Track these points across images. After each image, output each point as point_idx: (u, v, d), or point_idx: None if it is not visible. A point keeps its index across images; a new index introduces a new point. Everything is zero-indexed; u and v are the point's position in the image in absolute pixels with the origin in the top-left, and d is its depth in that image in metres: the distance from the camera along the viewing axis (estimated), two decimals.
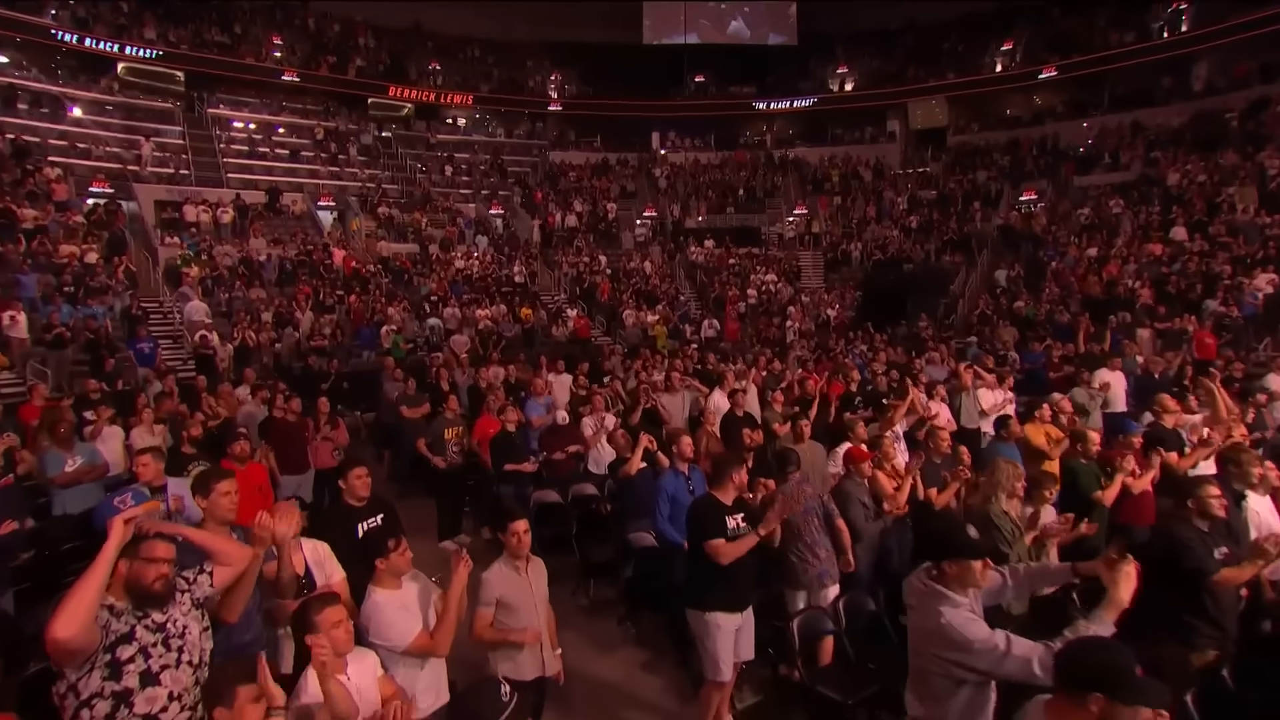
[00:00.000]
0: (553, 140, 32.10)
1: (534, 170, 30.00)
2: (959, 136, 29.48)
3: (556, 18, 32.17)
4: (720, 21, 32.87)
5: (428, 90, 29.42)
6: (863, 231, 25.01)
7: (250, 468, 5.67)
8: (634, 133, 32.71)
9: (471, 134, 30.78)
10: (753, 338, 18.56)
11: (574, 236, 24.85)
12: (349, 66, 27.45)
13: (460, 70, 31.22)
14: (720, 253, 24.42)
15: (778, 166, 30.81)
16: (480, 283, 19.94)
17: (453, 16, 31.16)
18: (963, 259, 21.77)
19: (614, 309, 20.19)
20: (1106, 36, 25.53)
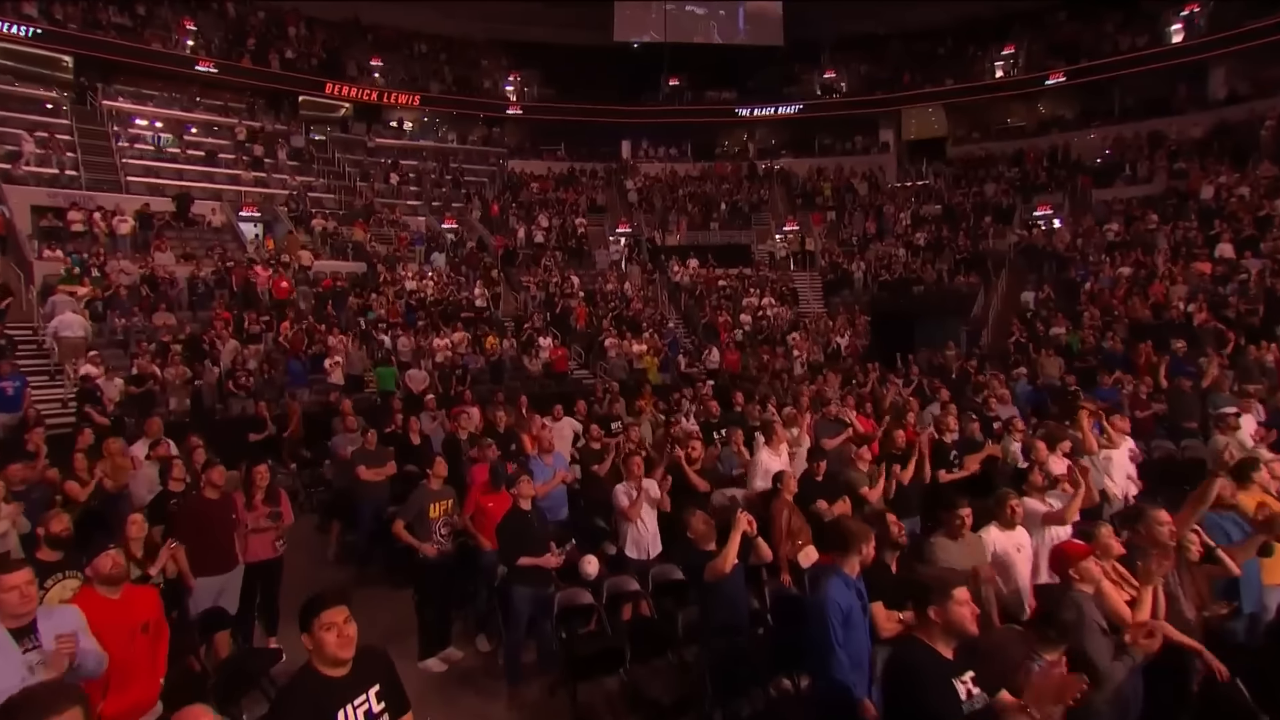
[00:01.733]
0: (511, 148, 31.20)
1: (491, 180, 28.87)
2: (960, 147, 29.29)
3: (515, 14, 31.42)
4: (697, 20, 32.29)
5: (368, 88, 28.17)
6: (864, 250, 24.10)
7: (128, 596, 3.88)
8: (602, 141, 32.07)
9: (419, 139, 29.54)
10: (760, 370, 17.16)
11: (541, 254, 23.43)
12: (276, 59, 25.72)
13: (406, 68, 29.99)
14: (706, 273, 23.29)
15: (763, 179, 30.22)
16: (436, 307, 18.32)
17: (396, 9, 30.07)
18: (979, 279, 21.15)
19: (592, 337, 18.93)
20: (1116, 42, 25.28)
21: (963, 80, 29.11)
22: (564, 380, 16.92)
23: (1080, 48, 26.38)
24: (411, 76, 29.71)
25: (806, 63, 32.91)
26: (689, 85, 32.76)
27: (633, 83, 31.93)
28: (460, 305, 19.12)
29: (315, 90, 26.98)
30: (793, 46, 32.56)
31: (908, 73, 30.71)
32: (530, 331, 18.26)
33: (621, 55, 32.31)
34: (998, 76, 28.60)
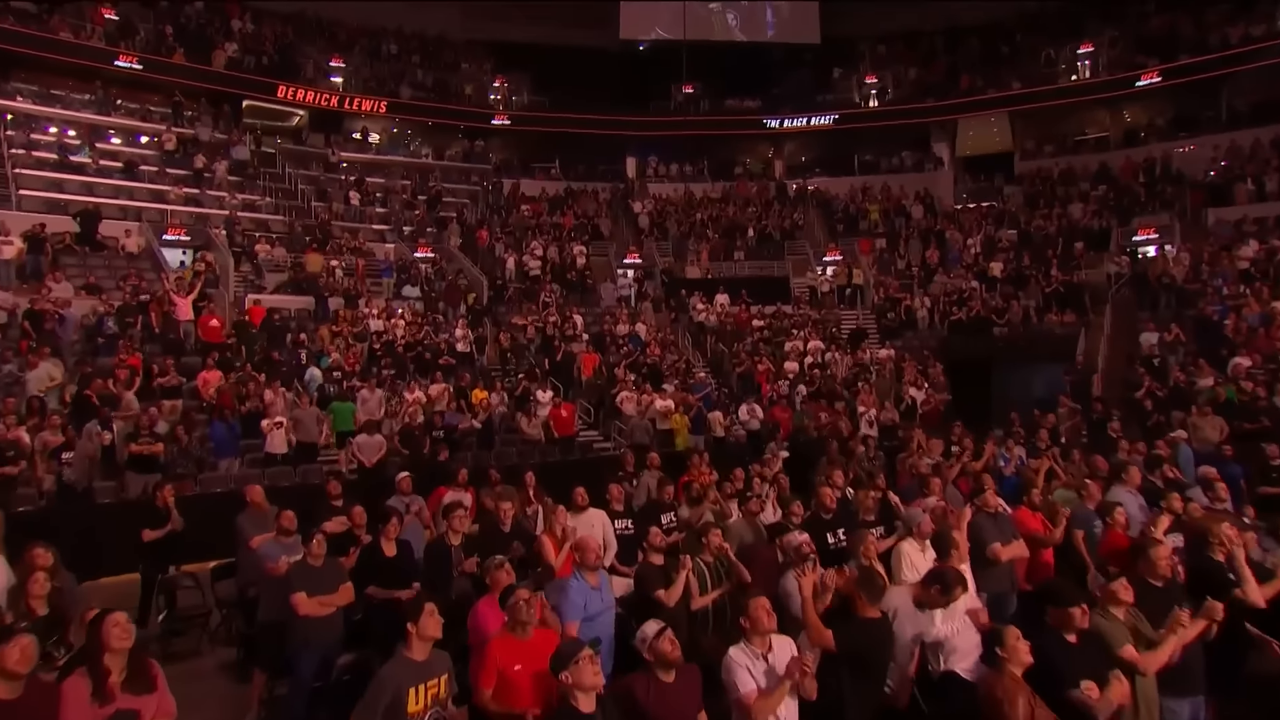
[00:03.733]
0: (497, 164, 30.22)
1: (474, 202, 27.76)
2: (1031, 161, 28.17)
3: (501, 9, 30.94)
4: (716, 16, 31.50)
5: (327, 93, 27.08)
6: (927, 283, 22.82)
7: None
8: (603, 156, 31.50)
9: (388, 152, 28.50)
10: (822, 433, 15.18)
11: (535, 289, 22.11)
12: (217, 56, 24.51)
13: (372, 70, 28.98)
14: (738, 311, 21.92)
15: (795, 201, 29.11)
16: (408, 352, 16.80)
17: (361, 2, 29.41)
18: (1076, 317, 19.75)
19: (602, 390, 17.33)
20: (1225, 34, 23.99)
21: (1032, 84, 28.00)
22: (571, 445, 15.22)
23: (1178, 42, 25.29)
24: (379, 80, 28.69)
25: (843, 66, 32.23)
26: (705, 93, 31.91)
27: (639, 89, 31.31)
28: (438, 350, 17.55)
29: (264, 94, 25.78)
30: (826, 47, 31.95)
31: (965, 76, 29.64)
32: (525, 384, 16.58)
33: (626, 58, 31.83)
34: (1074, 79, 27.52)
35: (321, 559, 6.03)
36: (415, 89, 29.21)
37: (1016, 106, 28.38)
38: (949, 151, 30.03)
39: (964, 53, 30.85)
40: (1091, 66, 27.35)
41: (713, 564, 6.39)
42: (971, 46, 30.88)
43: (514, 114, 30.30)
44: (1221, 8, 25.15)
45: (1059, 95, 27.46)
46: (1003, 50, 29.58)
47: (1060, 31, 28.71)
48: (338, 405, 13.51)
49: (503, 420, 15.40)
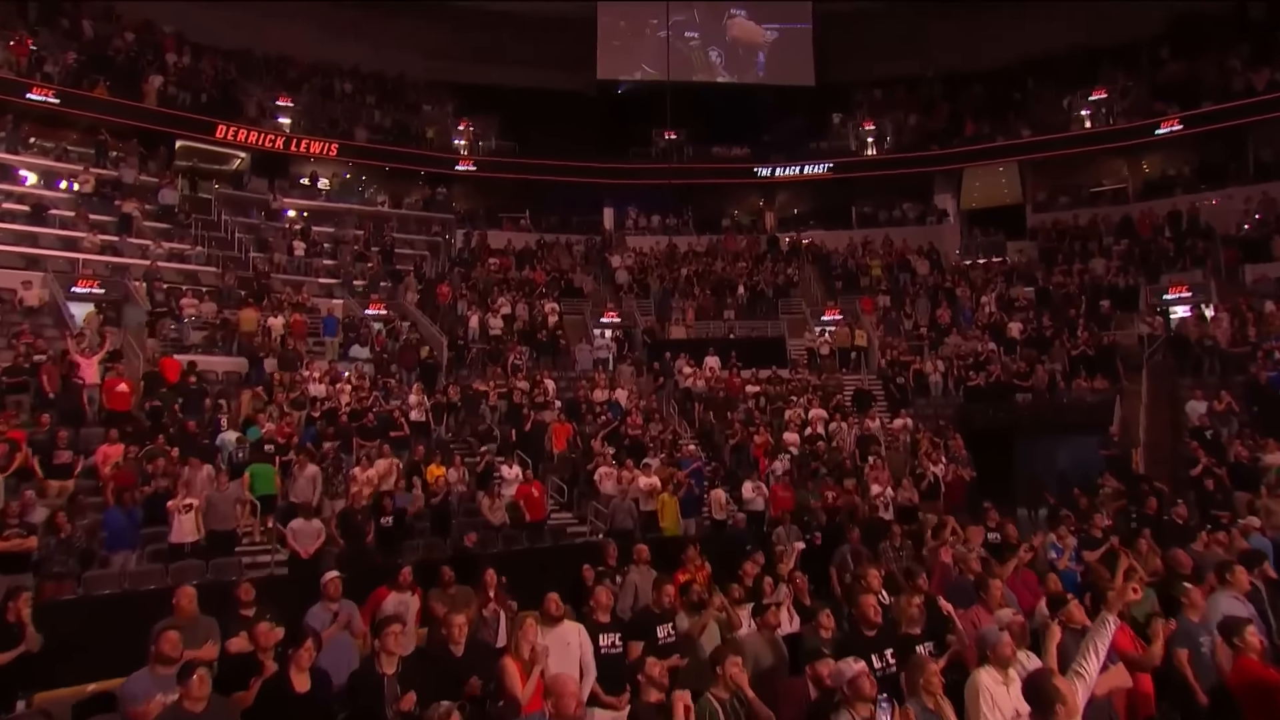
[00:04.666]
0: (461, 214, 30.12)
1: (434, 254, 27.25)
2: (1044, 214, 28.09)
3: (466, 49, 31.14)
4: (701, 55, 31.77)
5: (273, 134, 26.56)
6: (939, 345, 22.40)
7: None
8: (578, 206, 31.56)
9: (340, 199, 28.00)
10: (833, 515, 14.15)
11: (501, 351, 21.38)
12: (148, 91, 23.93)
13: (324, 110, 28.81)
14: (730, 376, 21.23)
15: (789, 255, 28.86)
16: (353, 421, 15.83)
17: (314, 38, 29.56)
18: (1108, 384, 19.16)
19: (577, 466, 16.53)
20: (1249, 80, 24.04)
21: (1042, 131, 28.06)
22: (540, 531, 14.05)
23: (1199, 88, 25.42)
24: (331, 121, 28.46)
25: (838, 111, 32.41)
26: (690, 139, 31.87)
27: (618, 135, 31.37)
28: (389, 419, 16.52)
29: (200, 133, 25.34)
30: (819, 93, 32.29)
31: (969, 122, 29.78)
32: (489, 458, 15.63)
33: (603, 101, 32.10)
34: (1087, 127, 27.66)
35: (203, 702, 4.79)
36: (372, 131, 28.95)
37: (1027, 155, 28.47)
38: (954, 203, 30.06)
39: (967, 99, 31.05)
40: (1106, 114, 27.52)
41: (728, 700, 5.22)
42: (975, 92, 31.12)
43: (480, 159, 30.18)
44: (1241, 50, 25.36)
45: (1073, 144, 27.54)
46: (1014, 96, 29.84)
47: (1069, 78, 28.98)
48: (257, 468, 12.59)
49: (461, 501, 14.30)
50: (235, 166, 26.78)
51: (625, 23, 31.15)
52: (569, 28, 30.94)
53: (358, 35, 30.49)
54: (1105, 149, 27.34)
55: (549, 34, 30.92)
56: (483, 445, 16.50)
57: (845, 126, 31.85)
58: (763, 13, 31.89)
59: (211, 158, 26.17)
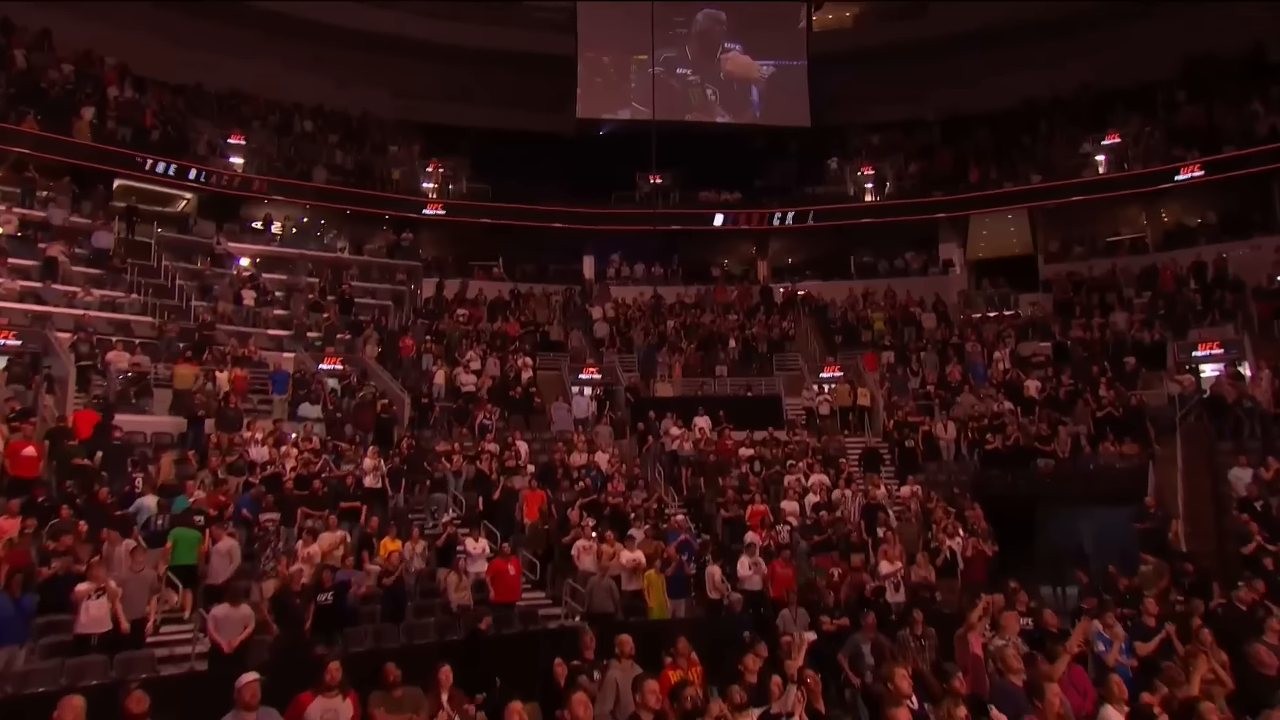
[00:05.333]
0: (429, 261, 29.93)
1: (398, 305, 27.16)
2: (1057, 264, 28.12)
3: (436, 86, 31.66)
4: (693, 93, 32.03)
5: (223, 172, 26.40)
6: (950, 405, 22.07)
7: None
8: (556, 254, 31.87)
9: (295, 245, 27.78)
10: (840, 596, 13.38)
11: (469, 410, 20.98)
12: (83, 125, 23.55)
13: (280, 149, 28.71)
14: (721, 438, 20.89)
15: (784, 308, 29.08)
16: (299, 490, 15.07)
17: (272, 73, 29.75)
18: (1139, 449, 18.66)
19: (551, 539, 15.84)
20: (1273, 125, 24.27)
21: (1054, 177, 28.16)
22: (509, 615, 13.12)
23: (1220, 133, 25.56)
24: (288, 161, 28.27)
25: (833, 155, 32.89)
26: (676, 183, 31.89)
27: (599, 178, 31.48)
28: (341, 487, 15.86)
29: (141, 172, 24.82)
30: (814, 136, 32.81)
31: (974, 168, 29.94)
32: (452, 530, 14.94)
33: (584, 143, 32.37)
34: (1101, 173, 27.76)
35: None
36: (332, 172, 28.77)
37: (1038, 202, 28.52)
38: (960, 253, 30.14)
39: (971, 143, 31.33)
40: (1120, 159, 27.67)
41: None
42: (979, 136, 31.40)
43: (449, 203, 30.10)
44: (1266, 92, 25.53)
45: (1087, 190, 27.54)
46: (1022, 140, 30.08)
47: (1079, 122, 29.35)
48: (180, 532, 12.01)
49: (423, 580, 13.60)
50: (180, 208, 26.41)
51: (609, 59, 31.41)
52: (546, 65, 31.13)
53: (321, 71, 30.70)
54: (1122, 196, 27.38)
55: (525, 72, 31.13)
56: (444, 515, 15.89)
57: (842, 171, 32.07)
58: (758, 47, 32.24)
59: (153, 198, 25.64)
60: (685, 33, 31.68)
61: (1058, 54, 29.74)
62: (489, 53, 30.81)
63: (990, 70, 30.67)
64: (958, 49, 30.61)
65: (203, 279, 23.59)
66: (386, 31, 30.17)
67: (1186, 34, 27.57)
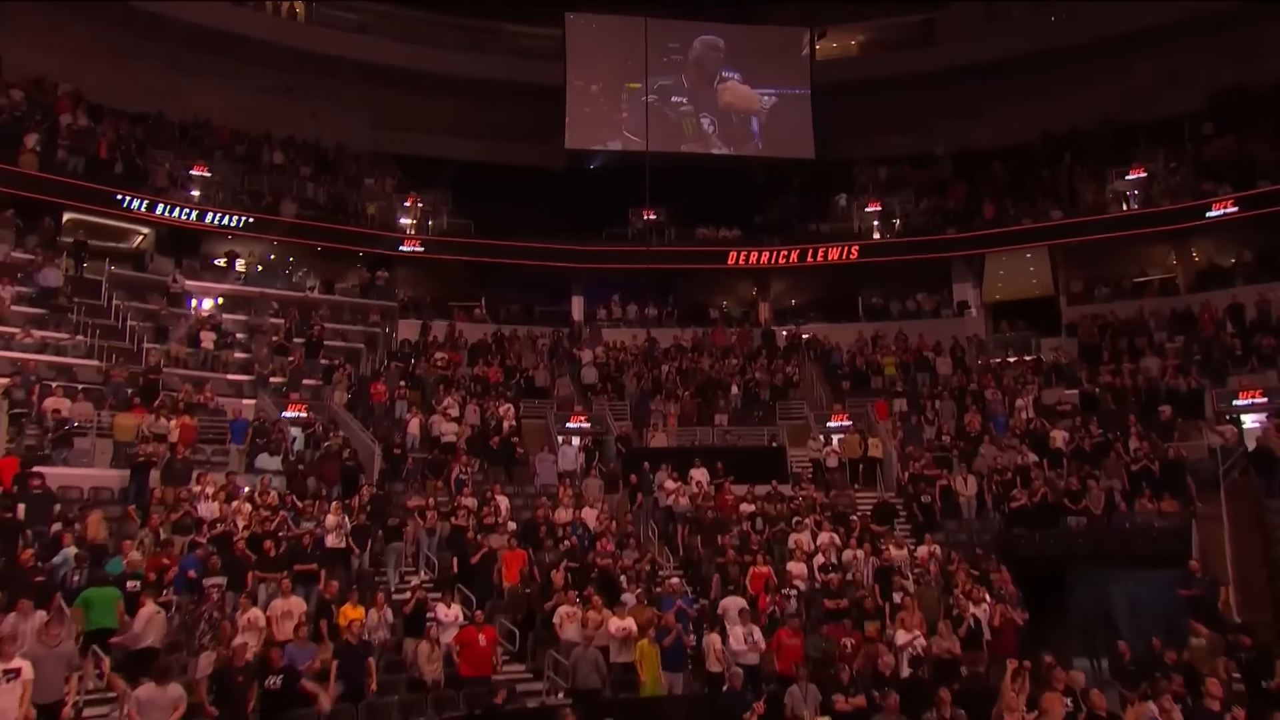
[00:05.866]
0: (405, 302, 29.92)
1: (371, 347, 27.23)
2: (1081, 306, 28.07)
3: (414, 116, 32.19)
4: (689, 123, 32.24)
5: (184, 205, 26.32)
6: (970, 457, 21.71)
7: None
8: (542, 294, 31.90)
9: (262, 284, 27.69)
10: (855, 672, 12.76)
11: (445, 462, 20.61)
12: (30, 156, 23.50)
13: (247, 182, 28.74)
14: (721, 493, 20.57)
15: (787, 352, 29.07)
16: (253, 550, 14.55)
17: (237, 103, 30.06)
18: (1179, 506, 18.31)
19: (533, 604, 15.44)
20: None
21: (1076, 213, 28.30)
22: (483, 691, 12.52)
23: (1253, 166, 25.66)
24: (255, 194, 28.25)
25: (837, 190, 33.07)
26: (672, 219, 32.21)
27: (589, 214, 31.87)
28: (300, 547, 15.28)
29: (97, 204, 24.86)
30: (818, 169, 33.20)
31: (989, 203, 30.10)
32: (422, 595, 14.44)
33: (573, 176, 32.90)
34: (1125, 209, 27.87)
35: None
36: (303, 206, 28.77)
37: (1059, 240, 28.58)
38: (976, 294, 30.22)
39: (986, 177, 31.53)
40: (1146, 195, 27.77)
41: None
42: (994, 171, 31.59)
43: (429, 239, 30.22)
44: None
45: (1112, 227, 27.66)
46: (1042, 174, 30.21)
47: (1102, 155, 29.52)
48: (93, 593, 11.37)
49: (387, 651, 13.16)
50: (136, 244, 26.37)
51: (599, 87, 31.66)
52: (533, 95, 31.46)
53: (293, 100, 31.05)
54: (1149, 233, 27.45)
55: (511, 101, 31.54)
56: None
57: (849, 207, 32.13)
58: (758, 76, 32.52)
59: (107, 233, 25.59)
60: (681, 60, 32.07)
61: (1075, 85, 30.13)
62: (472, 81, 31.23)
63: (1003, 102, 31.27)
64: (969, 79, 31.29)
65: (157, 320, 23.44)
66: (363, 58, 30.69)
67: (1211, 64, 28.00)
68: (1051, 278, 29.30)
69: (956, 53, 31.81)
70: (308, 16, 31.62)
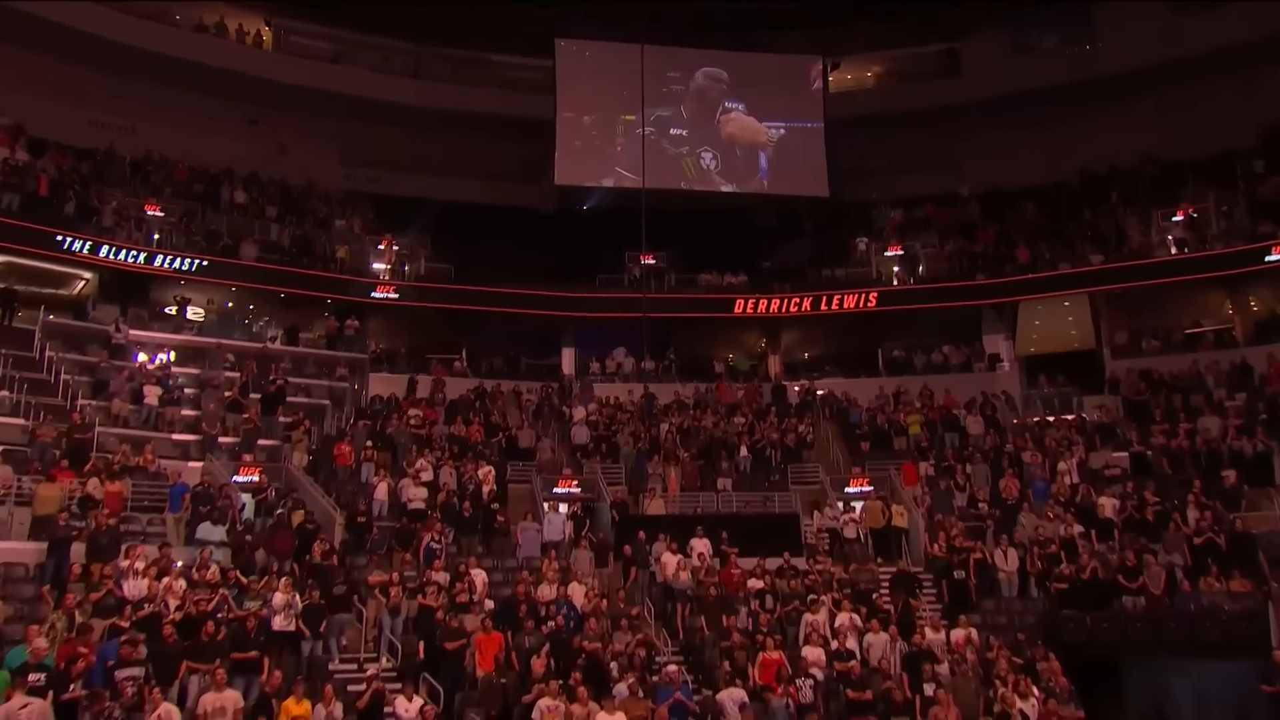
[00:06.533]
0: (378, 353, 29.75)
1: (337, 404, 26.79)
2: (1128, 360, 27.82)
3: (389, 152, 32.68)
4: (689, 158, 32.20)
5: (130, 245, 26.13)
6: (1009, 527, 21.28)
7: None
8: (530, 345, 31.91)
9: (218, 334, 27.54)
10: None
11: (414, 532, 20.13)
12: None
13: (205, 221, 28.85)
14: (726, 568, 20.23)
15: (800, 409, 28.95)
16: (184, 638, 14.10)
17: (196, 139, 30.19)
18: (1251, 586, 17.74)
19: (508, 695, 14.99)
20: None
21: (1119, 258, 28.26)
22: None
23: None
24: (211, 235, 28.15)
25: (853, 232, 33.20)
26: (672, 264, 32.37)
27: (581, 258, 32.38)
28: (241, 631, 14.85)
29: (32, 245, 24.89)
30: (832, 210, 33.53)
31: (1022, 246, 30.16)
32: (379, 686, 14.02)
33: (564, 218, 33.31)
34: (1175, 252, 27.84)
35: None
36: (266, 249, 28.80)
37: (1101, 287, 28.64)
38: (1009, 346, 30.20)
39: (1017, 219, 31.68)
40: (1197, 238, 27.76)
41: None
42: (1026, 212, 31.76)
43: (405, 285, 30.20)
44: None
45: (1159, 272, 27.68)
46: (1081, 215, 30.27)
47: (1145, 195, 29.62)
48: None
49: None
50: (77, 291, 26.31)
51: (591, 119, 31.87)
52: (521, 129, 31.83)
53: (259, 135, 31.40)
54: (1201, 279, 27.40)
55: (496, 137, 32.06)
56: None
57: (867, 251, 32.14)
58: (765, 107, 32.68)
59: (44, 278, 25.67)
60: (681, 90, 32.45)
61: (1113, 119, 30.54)
62: (455, 115, 31.57)
63: (1035, 137, 31.69)
64: (996, 113, 31.68)
65: (97, 373, 23.16)
66: (336, 89, 30.86)
67: (1264, 96, 28.09)
68: (1093, 328, 29.23)
69: (982, 85, 32.19)
70: (275, 44, 31.93)
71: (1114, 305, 28.63)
